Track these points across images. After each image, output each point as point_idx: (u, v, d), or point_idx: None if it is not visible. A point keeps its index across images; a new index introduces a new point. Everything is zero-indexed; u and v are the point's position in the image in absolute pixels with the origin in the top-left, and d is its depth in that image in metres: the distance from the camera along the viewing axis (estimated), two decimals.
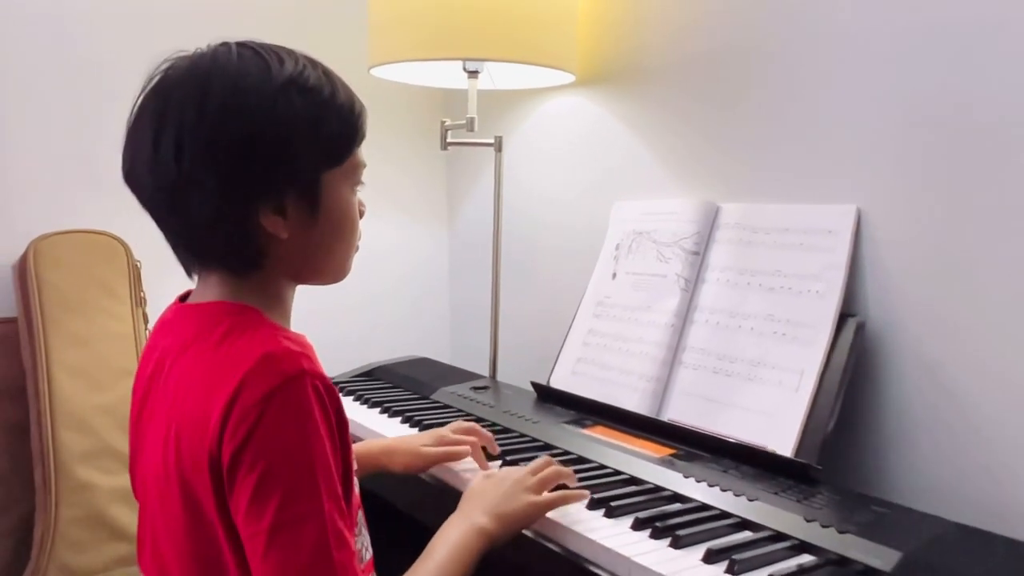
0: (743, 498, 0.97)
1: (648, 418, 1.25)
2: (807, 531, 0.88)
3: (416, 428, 1.29)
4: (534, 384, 1.46)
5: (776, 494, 0.98)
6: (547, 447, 1.18)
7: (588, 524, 0.92)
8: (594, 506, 0.96)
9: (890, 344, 1.14)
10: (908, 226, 1.13)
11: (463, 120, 1.61)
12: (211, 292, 0.81)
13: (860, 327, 1.13)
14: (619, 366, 1.35)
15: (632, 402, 1.30)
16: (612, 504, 0.95)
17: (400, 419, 1.35)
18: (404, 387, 1.55)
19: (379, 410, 1.40)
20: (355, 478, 0.82)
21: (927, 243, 1.11)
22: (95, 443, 1.48)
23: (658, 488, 1.02)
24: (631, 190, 1.56)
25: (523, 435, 1.23)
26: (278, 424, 0.70)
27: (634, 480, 1.05)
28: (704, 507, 0.96)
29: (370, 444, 1.14)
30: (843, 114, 1.21)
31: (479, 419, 1.27)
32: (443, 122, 1.68)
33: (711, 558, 0.83)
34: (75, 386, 1.49)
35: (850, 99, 1.20)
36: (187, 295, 0.86)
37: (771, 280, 1.22)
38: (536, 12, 1.49)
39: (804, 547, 0.86)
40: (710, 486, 1.01)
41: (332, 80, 0.81)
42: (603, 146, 1.63)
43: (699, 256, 1.33)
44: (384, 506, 1.13)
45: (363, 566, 0.85)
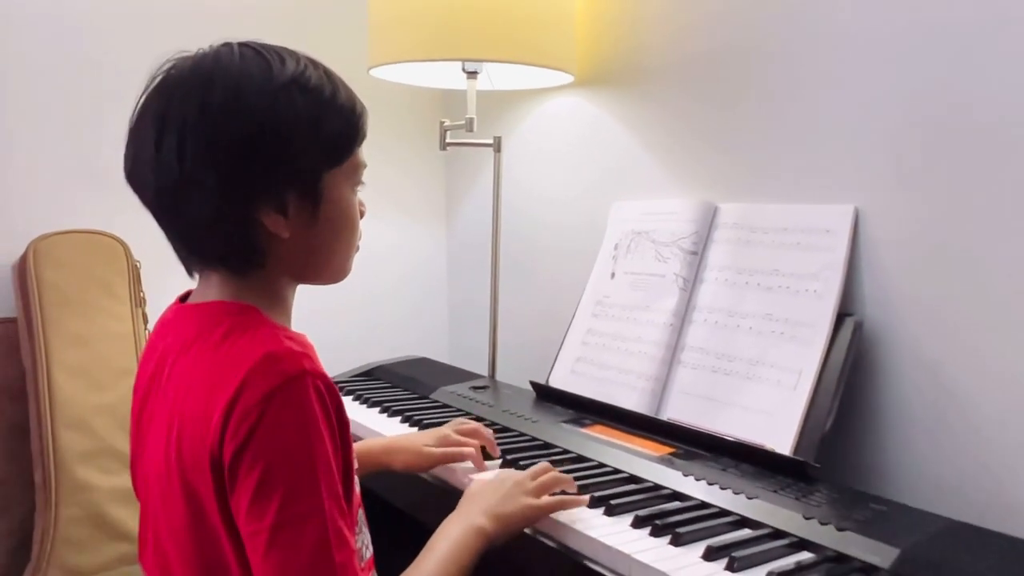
0: (742, 496, 0.97)
1: (647, 417, 1.26)
2: (806, 528, 0.89)
3: (416, 428, 1.30)
4: (533, 384, 1.47)
5: (775, 492, 0.98)
6: (546, 446, 1.18)
7: (588, 522, 0.92)
8: (594, 504, 0.96)
9: (888, 343, 1.15)
10: (906, 226, 1.13)
11: (462, 120, 1.62)
12: (212, 292, 0.82)
13: (858, 326, 1.13)
14: (618, 365, 1.36)
15: (631, 401, 1.30)
16: (612, 502, 0.96)
17: (400, 419, 1.35)
18: (403, 387, 1.55)
19: (379, 409, 1.41)
20: (356, 477, 0.82)
21: (924, 243, 1.12)
22: (95, 443, 1.48)
23: (657, 486, 1.02)
24: (630, 190, 1.56)
25: (522, 434, 1.24)
26: (279, 423, 0.71)
27: (633, 479, 1.05)
28: (703, 505, 0.96)
29: (371, 443, 1.14)
30: (841, 115, 1.21)
31: (479, 419, 1.27)
32: (442, 122, 1.68)
33: (711, 555, 0.84)
34: (75, 386, 1.49)
35: (848, 100, 1.20)
36: (187, 295, 0.86)
37: (769, 280, 1.22)
38: (535, 13, 1.49)
39: (803, 544, 0.87)
40: (709, 484, 1.01)
41: (333, 80, 0.81)
42: (602, 146, 1.63)
43: (697, 256, 1.33)
44: (385, 506, 1.14)
45: (363, 565, 0.86)
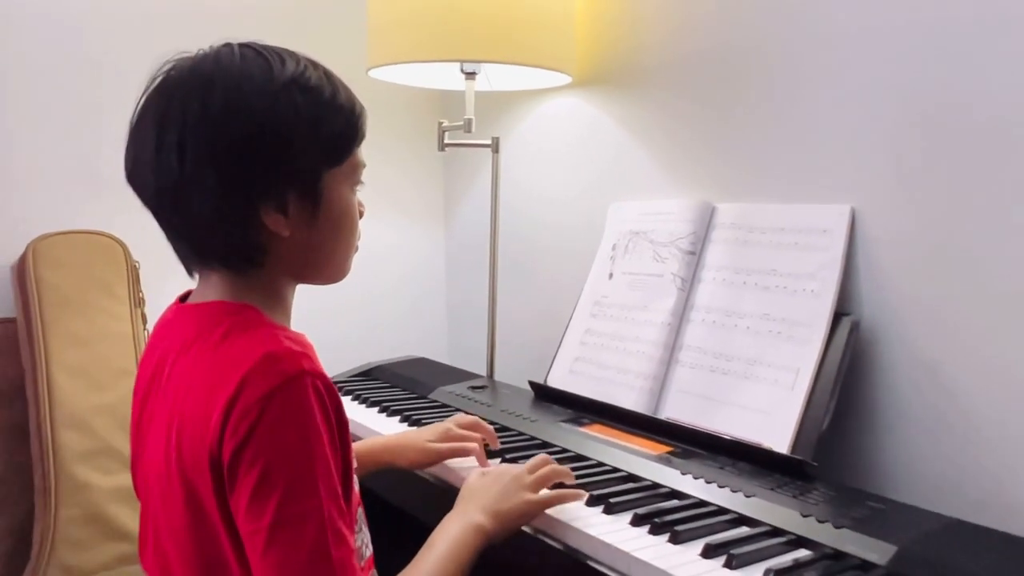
0: (740, 494, 0.98)
1: (645, 416, 1.26)
2: (804, 526, 0.89)
3: (415, 427, 1.30)
4: (532, 383, 1.47)
5: (773, 490, 0.98)
6: (545, 445, 1.19)
7: (587, 520, 0.93)
8: (593, 503, 0.97)
9: (884, 342, 1.15)
10: (902, 226, 1.14)
11: (460, 121, 1.62)
12: (212, 292, 0.82)
13: (855, 326, 1.14)
14: (616, 365, 1.36)
15: (629, 400, 1.30)
16: (611, 501, 0.96)
17: (399, 418, 1.35)
18: (402, 387, 1.55)
19: (377, 409, 1.41)
20: (355, 476, 0.82)
21: (921, 243, 1.12)
22: (95, 443, 1.49)
23: (656, 485, 1.03)
24: (628, 191, 1.57)
25: (521, 433, 1.24)
26: (278, 423, 0.71)
27: (632, 477, 1.06)
28: (702, 503, 0.97)
29: (372, 442, 1.14)
30: (837, 115, 1.22)
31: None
32: (440, 123, 1.68)
33: (709, 553, 0.84)
34: (74, 386, 1.49)
35: (844, 100, 1.21)
36: (187, 295, 0.87)
37: (767, 279, 1.23)
38: (533, 14, 1.49)
39: (801, 542, 0.87)
40: (707, 483, 1.01)
41: (333, 81, 0.81)
42: (600, 147, 1.64)
43: (695, 256, 1.34)
44: (385, 505, 1.14)
45: (363, 564, 0.86)
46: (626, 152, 1.57)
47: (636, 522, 0.92)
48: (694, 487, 1.01)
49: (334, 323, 1.78)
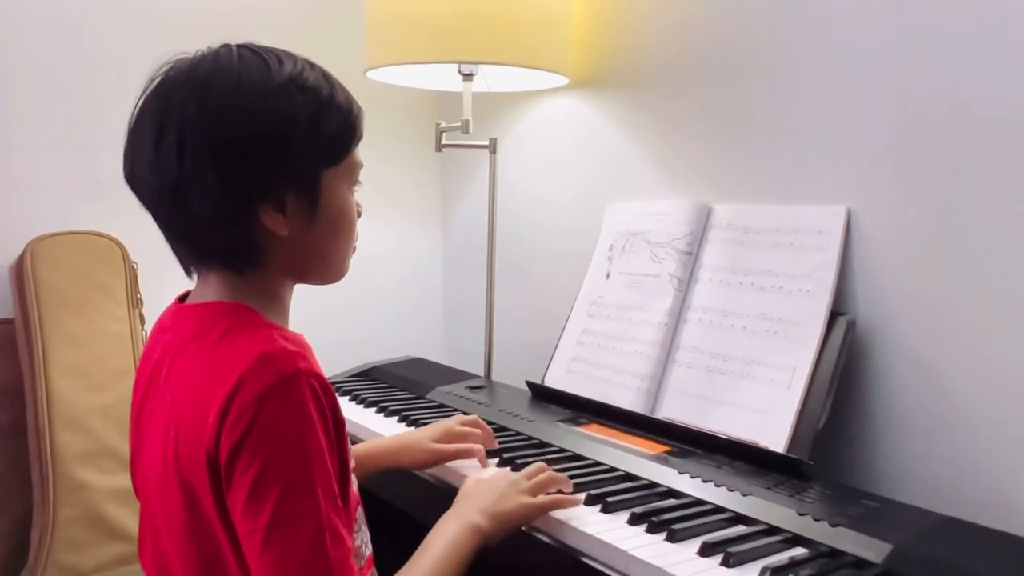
0: (737, 493, 0.98)
1: (642, 416, 1.26)
2: (800, 525, 0.89)
3: (413, 428, 1.30)
4: (529, 383, 1.47)
5: (769, 489, 0.99)
6: (543, 445, 1.19)
7: (585, 519, 0.93)
8: (590, 502, 0.97)
9: (880, 342, 1.16)
10: (898, 226, 1.14)
11: (458, 122, 1.62)
12: (210, 292, 0.82)
13: (851, 325, 1.14)
14: (613, 365, 1.37)
15: (626, 400, 1.31)
16: (608, 500, 0.96)
17: (397, 418, 1.36)
18: (400, 387, 1.55)
19: (375, 409, 1.41)
20: (352, 476, 0.82)
21: (916, 243, 1.13)
22: (93, 443, 1.49)
23: (653, 484, 1.03)
24: (624, 191, 1.57)
25: (519, 433, 1.24)
26: (274, 422, 0.71)
27: (629, 476, 1.06)
28: (699, 502, 0.97)
29: (374, 445, 1.14)
30: (833, 116, 1.22)
31: None
32: (438, 124, 1.69)
33: (706, 551, 0.85)
34: (72, 387, 1.49)
35: (840, 101, 1.21)
36: (186, 296, 0.87)
37: (763, 279, 1.23)
38: (530, 16, 1.50)
39: (797, 540, 0.88)
40: (704, 482, 1.02)
41: (330, 81, 0.82)
42: (597, 148, 1.64)
43: (692, 256, 1.34)
44: (385, 506, 1.14)
45: (363, 563, 0.86)
46: (623, 153, 1.58)
47: (633, 521, 0.92)
48: (691, 486, 1.01)
49: (332, 323, 1.78)
